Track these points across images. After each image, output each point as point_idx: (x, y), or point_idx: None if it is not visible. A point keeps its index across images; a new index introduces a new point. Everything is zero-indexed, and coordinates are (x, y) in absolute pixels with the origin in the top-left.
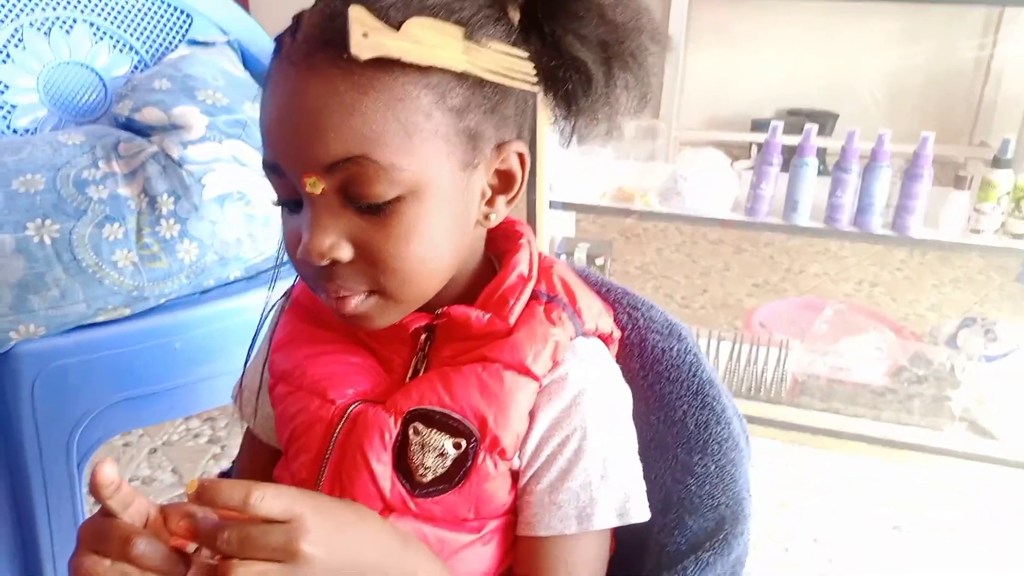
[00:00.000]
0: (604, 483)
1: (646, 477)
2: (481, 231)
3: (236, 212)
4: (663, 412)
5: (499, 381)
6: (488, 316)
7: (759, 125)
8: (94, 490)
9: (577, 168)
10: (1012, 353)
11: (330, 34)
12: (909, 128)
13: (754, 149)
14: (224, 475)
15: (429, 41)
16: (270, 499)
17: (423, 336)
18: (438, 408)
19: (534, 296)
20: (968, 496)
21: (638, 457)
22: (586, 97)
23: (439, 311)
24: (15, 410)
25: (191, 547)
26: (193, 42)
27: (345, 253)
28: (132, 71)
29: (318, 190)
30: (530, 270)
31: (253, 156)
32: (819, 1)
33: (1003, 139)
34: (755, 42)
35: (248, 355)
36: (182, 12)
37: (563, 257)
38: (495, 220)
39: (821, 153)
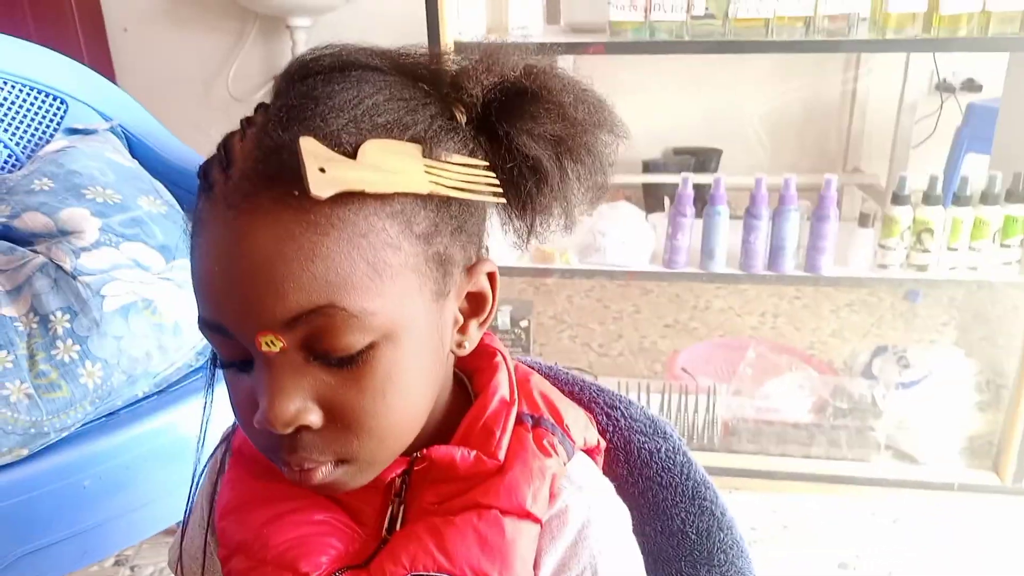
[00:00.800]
0: None
1: None
2: (452, 359)
3: (142, 323)
4: (659, 522)
5: (499, 531)
6: (474, 454)
7: (650, 166)
8: None
9: (491, 230)
10: (926, 378)
11: (275, 170)
12: (789, 160)
13: (653, 194)
14: None
15: (389, 165)
16: None
17: (398, 482)
18: (435, 574)
19: (519, 421)
20: (903, 523)
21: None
22: (541, 195)
23: (416, 454)
24: None
25: None
26: (71, 131)
27: (314, 418)
28: (2, 168)
29: (276, 348)
30: (511, 392)
31: (155, 258)
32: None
33: (899, 176)
34: (639, 88)
35: (187, 509)
36: (55, 98)
37: None
38: (468, 348)
39: (704, 190)
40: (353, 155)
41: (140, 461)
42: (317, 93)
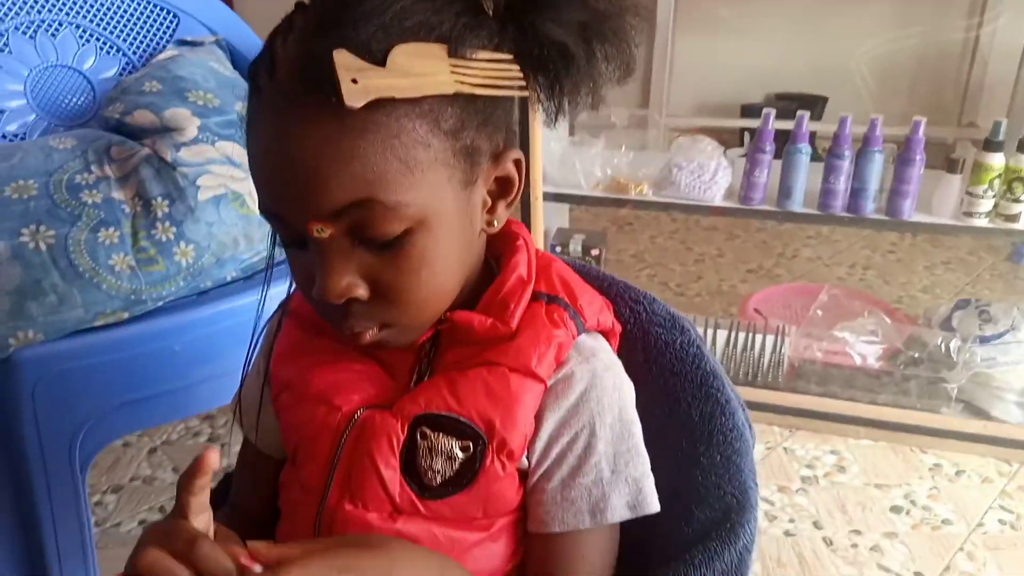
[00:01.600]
0: (615, 477)
1: (652, 468)
2: (483, 238)
3: (231, 213)
4: (668, 404)
5: (505, 384)
6: (491, 321)
7: (748, 110)
8: (193, 474)
9: (570, 159)
10: (1007, 334)
11: (313, 79)
12: (899, 111)
13: (746, 136)
14: (227, 478)
15: (417, 69)
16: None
17: (427, 342)
18: (445, 412)
19: (535, 297)
20: (967, 478)
21: (645, 449)
22: (568, 77)
23: (442, 317)
24: (16, 416)
25: (257, 568)
26: (181, 42)
27: (362, 292)
28: (120, 73)
29: (326, 235)
30: (529, 272)
31: (246, 156)
32: None
33: (994, 121)
34: (743, 27)
35: (245, 366)
36: (169, 12)
37: (558, 249)
38: (497, 226)
39: (812, 138)
40: (383, 62)
41: (224, 334)
42: (350, 0)
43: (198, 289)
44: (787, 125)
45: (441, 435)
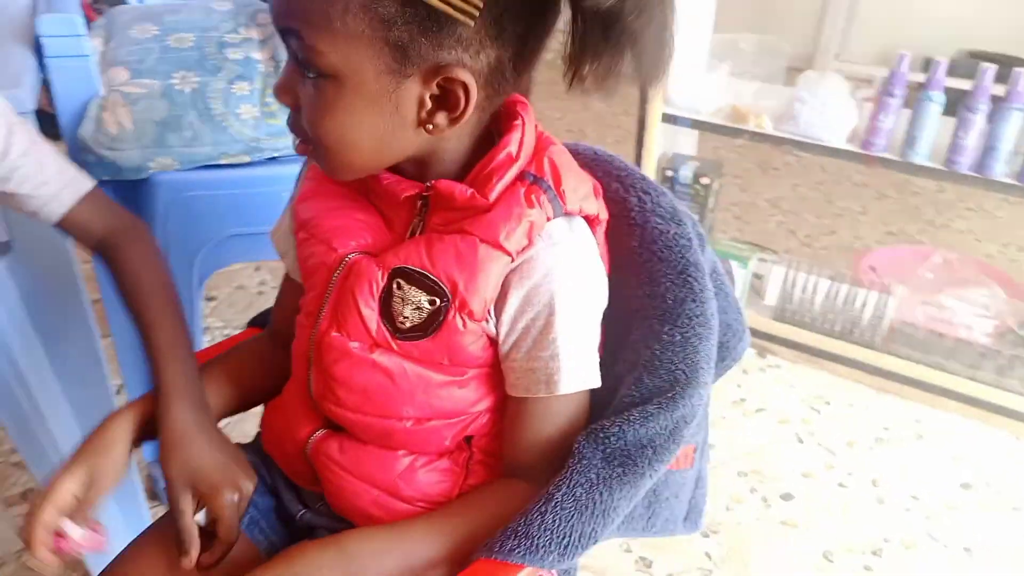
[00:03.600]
0: (567, 355)
1: (625, 342)
2: (422, 134)
3: None
4: (649, 287)
5: (473, 252)
6: (471, 192)
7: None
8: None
9: (692, 82)
10: None
11: None
12: None
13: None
14: (267, 310)
15: None
16: None
17: (419, 203)
18: (418, 268)
19: (520, 177)
20: None
21: (599, 330)
22: (607, 44)
23: (429, 183)
24: (152, 229)
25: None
26: None
27: (288, 101)
28: None
29: (291, 45)
30: (519, 151)
31: None
32: None
33: None
34: None
35: (289, 202)
36: None
37: (668, 172)
38: (435, 132)
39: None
40: None
41: None
42: None
43: None
44: (970, 85)
45: (413, 288)
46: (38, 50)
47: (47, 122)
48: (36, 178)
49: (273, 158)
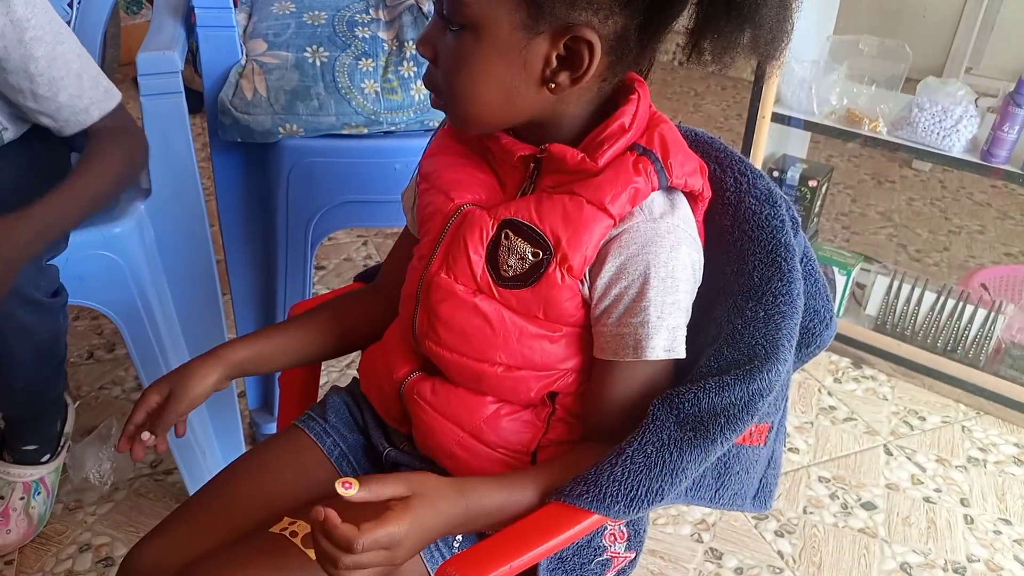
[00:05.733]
0: (659, 323)
1: (709, 316)
2: (545, 94)
3: None
4: (737, 264)
5: (579, 211)
6: (581, 156)
7: None
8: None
9: (807, 82)
10: None
11: None
12: None
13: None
14: (377, 266)
15: None
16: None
17: (532, 165)
18: (526, 222)
19: (631, 148)
20: None
21: (690, 306)
22: (728, 19)
23: (543, 146)
24: (275, 191)
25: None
26: None
27: (429, 54)
28: None
29: (438, 5)
30: (632, 122)
31: None
32: None
33: None
34: None
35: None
36: None
37: (775, 173)
38: (559, 91)
39: None
40: None
41: None
42: None
43: (425, 125)
44: None
45: (520, 239)
46: (187, 22)
47: (191, 99)
48: (72, 88)
49: (389, 132)
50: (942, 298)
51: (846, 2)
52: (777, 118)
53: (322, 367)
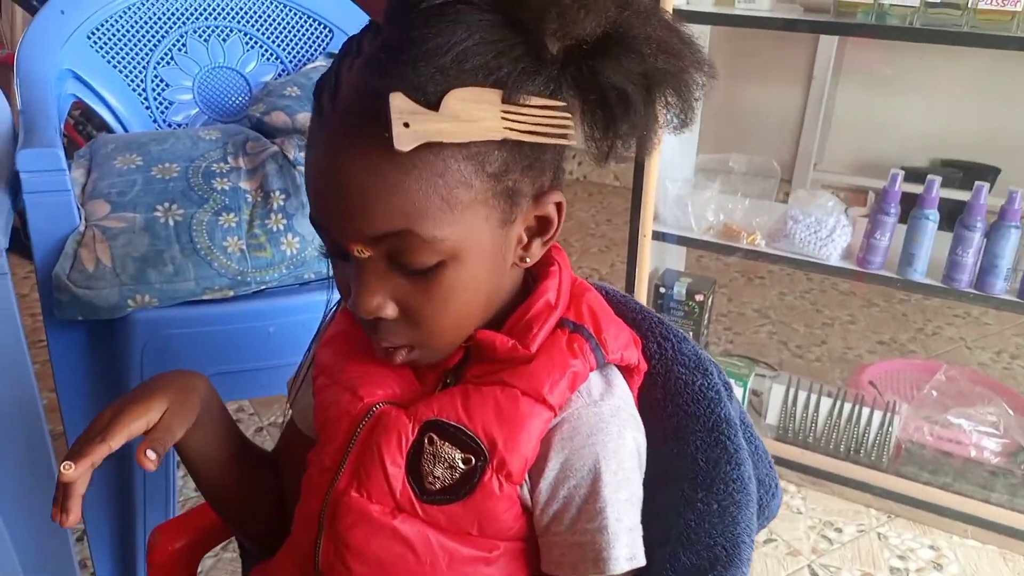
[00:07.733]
0: (618, 526)
1: (651, 508)
2: (517, 270)
3: None
4: (676, 445)
5: (515, 405)
6: (512, 342)
7: (911, 175)
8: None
9: (684, 200)
10: None
11: (369, 112)
12: None
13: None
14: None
15: (468, 115)
16: None
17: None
18: (453, 423)
19: (560, 325)
20: None
21: (641, 497)
22: (626, 121)
23: (470, 334)
24: (126, 371)
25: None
26: (330, 55)
27: (390, 312)
28: (275, 78)
29: (365, 255)
30: (557, 298)
31: None
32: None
33: None
34: (909, 88)
35: (306, 352)
36: (325, 27)
37: (662, 290)
38: (531, 261)
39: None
40: (436, 106)
41: (316, 323)
42: (414, 35)
43: (300, 279)
44: (954, 195)
45: (447, 444)
46: (15, 183)
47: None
48: None
49: (259, 292)
50: (838, 402)
51: (704, 122)
52: (657, 235)
53: None
